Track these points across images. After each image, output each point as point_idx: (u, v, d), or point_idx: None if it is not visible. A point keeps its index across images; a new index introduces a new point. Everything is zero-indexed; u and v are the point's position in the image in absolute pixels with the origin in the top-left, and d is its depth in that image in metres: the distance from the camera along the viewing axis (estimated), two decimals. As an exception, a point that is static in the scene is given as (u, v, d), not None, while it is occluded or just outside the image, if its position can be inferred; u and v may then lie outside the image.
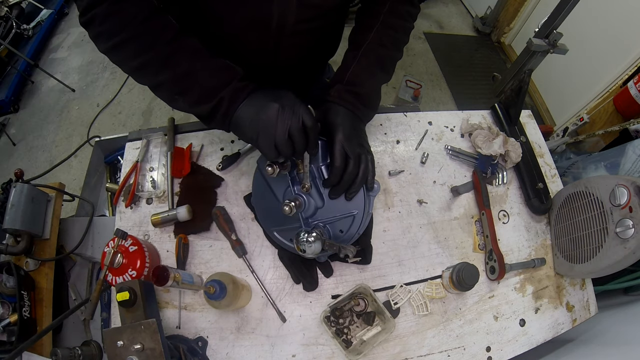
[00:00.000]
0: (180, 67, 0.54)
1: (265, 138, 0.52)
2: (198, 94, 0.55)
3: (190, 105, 0.57)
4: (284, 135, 0.51)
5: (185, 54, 0.55)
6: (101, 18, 0.51)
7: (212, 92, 0.55)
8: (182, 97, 0.56)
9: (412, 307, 0.73)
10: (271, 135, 0.51)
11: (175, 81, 0.55)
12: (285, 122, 0.51)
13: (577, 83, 2.07)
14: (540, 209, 0.84)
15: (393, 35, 0.68)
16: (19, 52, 2.44)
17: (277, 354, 0.68)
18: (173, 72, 0.54)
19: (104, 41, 0.53)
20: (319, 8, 0.66)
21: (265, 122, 0.52)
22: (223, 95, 0.54)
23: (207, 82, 0.55)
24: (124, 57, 0.55)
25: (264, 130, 0.52)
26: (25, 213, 0.79)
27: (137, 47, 0.53)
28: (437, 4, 3.06)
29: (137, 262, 0.65)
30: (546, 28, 1.15)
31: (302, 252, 0.58)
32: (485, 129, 0.90)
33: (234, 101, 0.55)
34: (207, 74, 0.55)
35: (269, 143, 0.52)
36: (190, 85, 0.55)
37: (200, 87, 0.55)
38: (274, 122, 0.51)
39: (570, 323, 0.78)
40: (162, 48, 0.53)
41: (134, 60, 0.54)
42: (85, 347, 0.63)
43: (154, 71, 0.55)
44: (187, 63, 0.55)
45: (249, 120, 0.54)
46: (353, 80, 0.65)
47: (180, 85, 0.55)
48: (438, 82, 2.59)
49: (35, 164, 2.25)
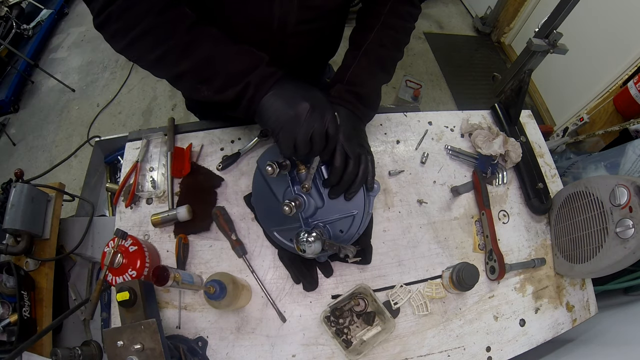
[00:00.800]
0: (201, 54, 0.52)
1: (287, 134, 0.51)
2: (222, 79, 0.53)
3: (214, 92, 0.54)
4: (306, 137, 0.51)
5: (206, 41, 0.53)
6: (117, 14, 0.50)
7: (238, 76, 0.53)
8: (206, 84, 0.54)
9: (412, 307, 0.73)
10: (294, 133, 0.51)
11: (197, 69, 0.53)
12: (312, 124, 0.50)
13: (577, 83, 2.07)
14: (540, 209, 0.84)
15: (393, 35, 0.68)
16: (19, 52, 2.44)
17: (277, 354, 0.68)
18: (194, 60, 0.53)
19: (121, 38, 0.52)
20: (319, 9, 0.66)
21: (293, 118, 0.50)
22: (250, 80, 0.52)
23: (232, 67, 0.53)
24: (142, 50, 0.53)
25: (288, 126, 0.51)
26: (25, 213, 0.79)
27: (155, 39, 0.52)
28: (437, 4, 3.06)
29: (137, 262, 0.65)
30: (546, 28, 1.15)
31: (302, 252, 0.58)
32: (485, 129, 0.90)
33: (261, 87, 0.53)
34: (231, 58, 0.53)
35: (290, 141, 0.51)
36: (214, 72, 0.53)
37: (224, 73, 0.53)
38: (301, 121, 0.50)
39: (570, 323, 0.78)
40: (181, 36, 0.52)
41: (153, 52, 0.52)
42: (85, 347, 0.63)
43: (174, 61, 0.53)
44: (208, 49, 0.53)
45: (275, 111, 0.52)
46: (353, 80, 0.65)
47: (203, 72, 0.53)
48: (438, 82, 2.59)
49: (35, 164, 2.25)
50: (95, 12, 0.51)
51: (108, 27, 0.52)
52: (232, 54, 0.54)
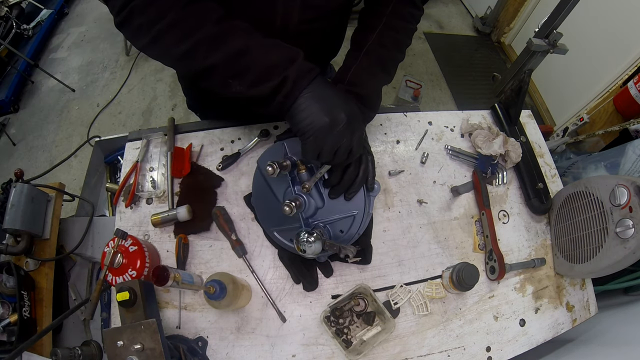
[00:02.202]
0: (234, 45, 0.49)
1: (317, 142, 0.50)
2: (257, 72, 0.50)
3: (248, 86, 0.51)
4: (333, 149, 0.50)
5: (237, 33, 0.50)
6: (140, 8, 0.48)
7: (274, 70, 0.49)
8: (238, 79, 0.51)
9: (412, 307, 0.73)
10: (323, 142, 0.50)
11: (228, 62, 0.50)
12: (342, 137, 0.50)
13: (577, 83, 2.07)
14: (540, 209, 0.84)
15: (395, 36, 0.68)
16: (19, 52, 2.44)
17: (277, 354, 0.68)
18: (226, 52, 0.49)
19: (145, 33, 0.50)
20: (322, 9, 0.66)
21: (327, 127, 0.49)
22: (288, 73, 0.49)
23: (268, 60, 0.50)
24: (168, 45, 0.50)
25: (319, 135, 0.50)
26: (25, 213, 0.79)
27: (182, 31, 0.49)
28: (437, 4, 3.06)
29: (137, 262, 0.65)
30: (546, 28, 1.15)
31: (302, 252, 0.58)
32: (485, 129, 0.90)
33: (299, 83, 0.50)
34: (267, 50, 0.50)
35: (317, 148, 0.51)
36: (247, 64, 0.50)
37: (259, 65, 0.50)
38: (334, 133, 0.49)
39: (570, 323, 0.78)
40: (210, 28, 0.49)
41: (180, 45, 0.49)
42: (85, 347, 0.63)
43: (203, 54, 0.50)
44: (241, 40, 0.50)
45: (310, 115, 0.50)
46: (354, 81, 0.65)
47: (235, 65, 0.50)
48: (438, 82, 2.59)
49: (35, 164, 2.25)
50: (117, 9, 0.49)
51: (130, 23, 0.50)
52: (268, 46, 0.51)
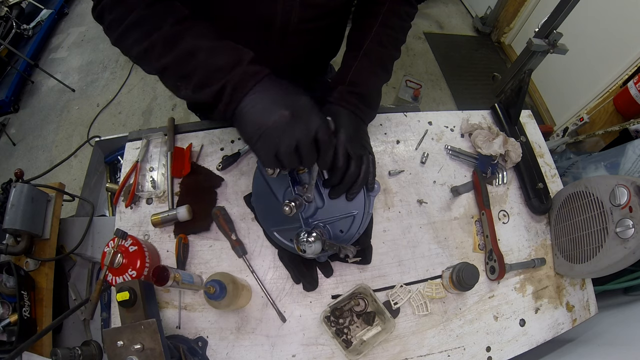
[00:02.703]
0: (183, 47, 0.49)
1: (265, 146, 0.46)
2: (201, 75, 0.49)
3: (192, 90, 0.50)
4: (290, 149, 0.46)
5: (191, 35, 0.50)
6: (109, 7, 0.51)
7: (216, 73, 0.48)
8: (185, 82, 0.50)
9: (412, 307, 0.73)
10: (274, 145, 0.46)
11: (178, 62, 0.50)
12: (295, 134, 0.45)
13: (577, 83, 2.07)
14: (540, 209, 0.84)
15: (392, 35, 0.68)
16: (19, 52, 2.44)
17: (277, 354, 0.68)
18: (176, 54, 0.49)
19: (114, 29, 0.52)
20: (322, 7, 0.66)
21: (270, 128, 0.45)
22: (228, 79, 0.47)
23: (211, 63, 0.48)
24: (131, 42, 0.52)
25: (266, 137, 0.46)
26: (25, 213, 0.79)
27: (142, 31, 0.50)
28: (437, 4, 3.06)
29: (137, 262, 0.65)
30: (546, 28, 1.15)
31: (302, 252, 0.58)
32: (485, 129, 0.90)
33: (239, 89, 0.47)
34: (212, 54, 0.49)
35: (269, 153, 0.47)
36: (193, 66, 0.49)
37: (203, 68, 0.48)
38: (280, 131, 0.45)
39: (570, 323, 0.78)
40: (167, 29, 0.49)
41: (140, 44, 0.51)
42: (85, 347, 0.63)
43: (158, 54, 0.50)
44: (191, 43, 0.49)
45: (251, 120, 0.47)
46: (355, 81, 0.65)
47: (183, 66, 0.49)
48: (438, 82, 2.59)
49: (35, 164, 2.25)
50: (93, 5, 0.53)
51: (103, 20, 0.53)
52: (216, 48, 0.50)
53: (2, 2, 2.59)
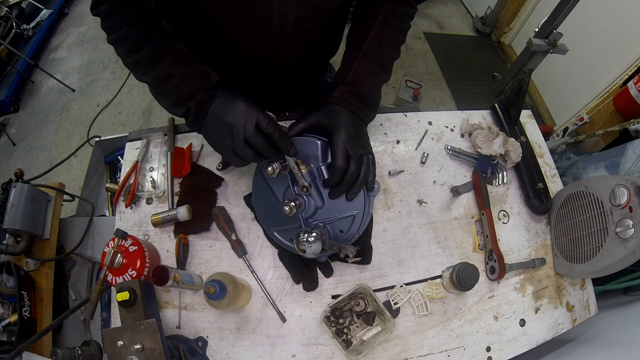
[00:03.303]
0: (161, 71, 0.58)
1: (224, 149, 0.57)
2: (173, 98, 0.59)
3: (169, 107, 0.61)
4: (240, 144, 0.54)
5: (168, 58, 0.58)
6: (104, 15, 0.57)
7: (183, 99, 0.58)
8: (163, 98, 0.61)
9: (412, 307, 0.73)
10: (229, 145, 0.55)
11: (156, 83, 0.60)
12: (239, 132, 0.53)
13: (577, 83, 2.07)
14: (540, 209, 0.84)
15: (392, 35, 0.68)
16: (19, 52, 2.43)
17: (277, 354, 0.68)
18: (155, 75, 0.59)
19: (108, 35, 0.59)
20: (319, 7, 0.65)
21: (221, 135, 0.55)
22: (190, 105, 0.57)
23: (180, 89, 0.58)
24: (121, 52, 0.60)
25: (221, 143, 0.57)
26: (25, 213, 0.79)
27: (129, 47, 0.58)
28: (437, 4, 3.06)
29: (137, 262, 0.65)
30: (546, 28, 1.15)
31: (302, 252, 0.58)
32: (485, 129, 0.90)
33: (199, 112, 0.57)
34: (181, 80, 0.58)
35: (229, 152, 0.56)
36: (168, 89, 0.59)
37: (175, 93, 0.58)
38: (228, 134, 0.54)
39: (570, 323, 0.78)
40: (149, 51, 0.57)
41: (127, 57, 0.59)
42: (85, 347, 0.63)
43: (141, 71, 0.59)
44: (167, 67, 0.58)
45: (211, 135, 0.59)
46: (355, 81, 0.64)
47: (160, 87, 0.60)
48: (438, 82, 2.59)
49: (35, 164, 2.25)
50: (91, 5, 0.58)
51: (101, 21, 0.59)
52: (184, 76, 0.58)
53: (2, 2, 2.59)
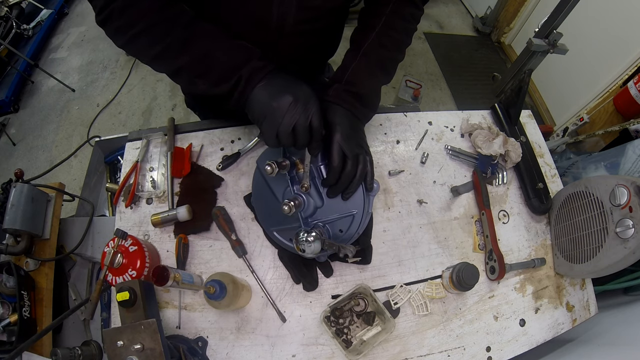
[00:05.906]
0: (198, 50, 0.55)
1: (269, 124, 0.54)
2: (217, 74, 0.56)
3: (210, 85, 0.57)
4: (288, 128, 0.53)
5: (203, 36, 0.56)
6: (118, 12, 0.53)
7: (231, 71, 0.55)
8: (202, 78, 0.57)
9: (412, 307, 0.73)
10: (276, 124, 0.53)
11: (194, 64, 0.56)
12: (294, 116, 0.53)
13: (577, 83, 2.07)
14: (540, 209, 0.84)
15: (395, 36, 0.68)
16: (19, 52, 2.44)
17: (277, 354, 0.68)
18: (192, 56, 0.56)
19: (122, 34, 0.55)
20: (318, 9, 0.65)
21: (275, 110, 0.53)
22: (242, 73, 0.55)
23: (226, 62, 0.56)
24: (142, 46, 0.56)
25: (271, 116, 0.54)
26: (25, 213, 0.79)
27: (155, 35, 0.54)
28: (437, 4, 3.06)
29: (137, 262, 0.65)
30: (546, 28, 1.15)
31: (301, 251, 0.58)
32: (485, 129, 0.90)
33: (252, 80, 0.55)
34: (226, 53, 0.56)
35: (272, 130, 0.54)
36: (209, 67, 0.56)
37: (219, 67, 0.56)
38: (283, 112, 0.52)
39: (570, 323, 0.78)
40: (179, 33, 0.54)
41: (153, 48, 0.55)
42: (85, 347, 0.63)
43: (173, 56, 0.56)
44: (205, 44, 0.56)
45: (259, 103, 0.55)
46: (352, 80, 0.64)
47: (200, 67, 0.56)
48: (438, 82, 2.59)
49: (35, 164, 2.25)
50: (98, 9, 0.53)
51: (110, 23, 0.54)
52: (226, 49, 0.57)
53: (2, 2, 2.59)
